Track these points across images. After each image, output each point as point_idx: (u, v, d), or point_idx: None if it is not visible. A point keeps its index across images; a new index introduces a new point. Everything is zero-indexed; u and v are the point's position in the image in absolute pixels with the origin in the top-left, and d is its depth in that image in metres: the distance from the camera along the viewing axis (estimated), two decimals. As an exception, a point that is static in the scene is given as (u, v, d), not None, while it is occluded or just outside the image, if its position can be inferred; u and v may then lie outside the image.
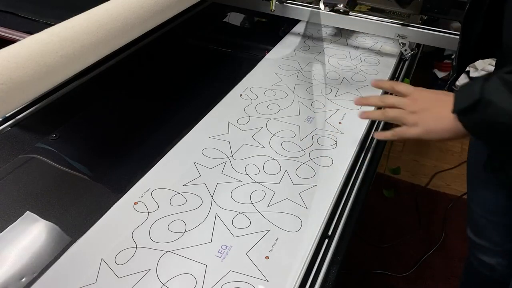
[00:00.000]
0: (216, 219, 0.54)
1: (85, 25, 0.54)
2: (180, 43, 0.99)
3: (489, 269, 0.85)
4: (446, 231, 1.44)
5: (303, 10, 0.95)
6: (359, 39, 0.99)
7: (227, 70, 0.91)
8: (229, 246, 0.51)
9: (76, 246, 0.50)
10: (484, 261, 0.85)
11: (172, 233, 0.52)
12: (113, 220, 0.54)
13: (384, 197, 1.52)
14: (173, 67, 0.91)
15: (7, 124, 0.70)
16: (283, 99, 0.78)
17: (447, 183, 1.64)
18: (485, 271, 0.86)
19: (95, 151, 0.68)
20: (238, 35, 1.07)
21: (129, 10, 0.60)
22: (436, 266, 1.35)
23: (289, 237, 0.53)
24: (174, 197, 0.57)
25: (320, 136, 0.69)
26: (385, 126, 0.74)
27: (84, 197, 0.58)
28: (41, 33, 0.50)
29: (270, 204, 0.57)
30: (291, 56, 0.92)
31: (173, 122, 0.74)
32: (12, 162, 0.63)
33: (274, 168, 0.63)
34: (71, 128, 0.72)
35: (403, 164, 1.73)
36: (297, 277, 0.48)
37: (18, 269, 0.49)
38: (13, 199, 0.57)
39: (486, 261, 0.85)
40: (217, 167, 0.63)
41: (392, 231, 1.44)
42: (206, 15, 1.11)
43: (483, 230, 0.83)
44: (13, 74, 0.44)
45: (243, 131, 0.70)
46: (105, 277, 0.47)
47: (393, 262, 1.34)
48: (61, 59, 0.50)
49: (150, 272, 0.48)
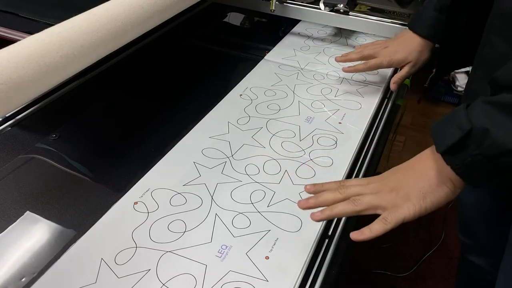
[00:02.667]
0: (216, 219, 0.54)
1: (85, 25, 0.54)
2: (180, 43, 0.99)
3: (479, 271, 0.85)
4: (446, 231, 1.44)
5: (303, 10, 0.95)
6: (359, 39, 0.99)
7: (227, 70, 0.91)
8: (229, 246, 0.51)
9: (76, 246, 0.50)
10: (474, 263, 0.85)
11: (172, 233, 0.52)
12: (113, 220, 0.54)
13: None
14: (173, 67, 0.91)
15: (7, 124, 0.70)
16: (283, 99, 0.78)
17: (447, 183, 1.64)
18: (476, 273, 0.87)
19: (95, 151, 0.68)
20: (238, 35, 1.07)
21: (129, 10, 0.60)
22: (436, 266, 1.35)
23: (289, 237, 0.53)
24: (174, 197, 0.57)
25: (320, 136, 0.69)
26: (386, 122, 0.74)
27: (84, 197, 0.58)
28: (41, 33, 0.50)
29: (270, 204, 0.57)
30: (291, 56, 0.92)
31: (173, 122, 0.74)
32: (12, 162, 0.63)
33: (274, 168, 0.63)
34: (71, 128, 0.72)
35: (403, 164, 1.73)
36: (297, 277, 0.48)
37: (18, 269, 0.49)
38: (13, 199, 0.57)
39: (476, 262, 0.85)
40: (217, 167, 0.63)
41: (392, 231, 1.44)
42: (206, 15, 1.11)
43: (472, 231, 0.83)
44: (13, 74, 0.44)
45: (243, 131, 0.70)
46: (105, 277, 0.47)
47: (393, 262, 1.34)
48: (61, 59, 0.50)
49: (150, 272, 0.48)
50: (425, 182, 0.46)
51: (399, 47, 0.78)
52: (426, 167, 0.46)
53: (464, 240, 0.86)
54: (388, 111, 0.77)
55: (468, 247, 0.86)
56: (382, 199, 0.47)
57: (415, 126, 1.93)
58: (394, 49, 0.78)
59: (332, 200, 0.49)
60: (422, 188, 0.46)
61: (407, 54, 0.77)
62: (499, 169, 0.40)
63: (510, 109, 0.39)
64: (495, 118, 0.40)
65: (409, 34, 0.78)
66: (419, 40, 0.76)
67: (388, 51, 0.78)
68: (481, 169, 0.41)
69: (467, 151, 0.41)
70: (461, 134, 0.41)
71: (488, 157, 0.40)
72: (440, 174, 0.45)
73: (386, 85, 0.82)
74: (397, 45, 0.79)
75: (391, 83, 0.79)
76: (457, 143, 0.41)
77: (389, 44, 0.80)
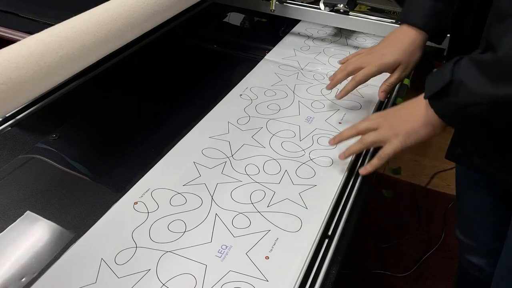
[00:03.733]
0: (216, 219, 0.54)
1: (85, 25, 0.54)
2: (180, 43, 0.99)
3: (478, 271, 0.85)
4: (446, 231, 1.44)
5: (303, 10, 0.95)
6: (359, 39, 0.99)
7: (227, 70, 0.91)
8: (229, 246, 0.51)
9: (76, 246, 0.50)
10: (473, 262, 0.85)
11: (172, 233, 0.52)
12: (113, 220, 0.54)
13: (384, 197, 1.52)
14: (173, 67, 0.91)
15: (7, 124, 0.70)
16: (283, 99, 0.78)
17: (447, 183, 1.64)
18: (475, 273, 0.87)
19: (95, 151, 0.68)
20: (238, 35, 1.07)
21: (129, 10, 0.60)
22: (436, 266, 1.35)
23: (289, 237, 0.53)
24: (174, 197, 0.57)
25: (320, 136, 0.69)
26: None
27: (84, 197, 0.58)
28: (41, 33, 0.50)
29: (270, 204, 0.57)
30: (291, 56, 0.92)
31: (173, 122, 0.74)
32: (12, 162, 0.63)
33: (274, 168, 0.63)
34: (71, 128, 0.72)
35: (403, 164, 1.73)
36: (297, 277, 0.48)
37: (18, 269, 0.49)
38: (13, 199, 0.57)
39: (475, 262, 0.85)
40: (217, 167, 0.63)
41: (392, 231, 1.44)
42: (206, 15, 1.11)
43: (471, 230, 0.83)
44: (13, 74, 0.44)
45: (243, 131, 0.70)
46: (105, 277, 0.47)
47: (393, 262, 1.34)
48: (61, 59, 0.50)
49: (150, 272, 0.48)
50: (412, 123, 0.57)
51: (385, 50, 0.69)
52: (416, 110, 0.57)
53: (462, 240, 0.86)
54: (388, 111, 0.77)
55: (467, 247, 0.86)
56: (381, 135, 0.59)
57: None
58: (381, 52, 0.69)
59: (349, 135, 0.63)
60: (409, 128, 0.57)
61: (396, 55, 0.68)
62: (471, 116, 0.49)
63: (485, 67, 0.46)
64: (471, 74, 0.47)
65: (397, 33, 0.69)
66: (410, 36, 0.68)
67: (374, 57, 0.69)
68: (457, 114, 0.51)
69: (447, 99, 0.50)
70: (443, 84, 0.49)
71: (462, 105, 0.48)
72: (425, 117, 0.55)
73: (386, 85, 0.82)
74: (384, 47, 0.70)
75: (379, 92, 0.71)
76: (440, 91, 0.50)
77: (374, 49, 0.71)
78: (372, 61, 0.69)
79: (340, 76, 0.72)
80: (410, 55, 0.68)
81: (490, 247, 0.80)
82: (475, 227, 0.82)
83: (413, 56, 0.68)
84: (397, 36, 0.69)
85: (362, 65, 0.69)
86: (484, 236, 0.81)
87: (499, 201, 0.74)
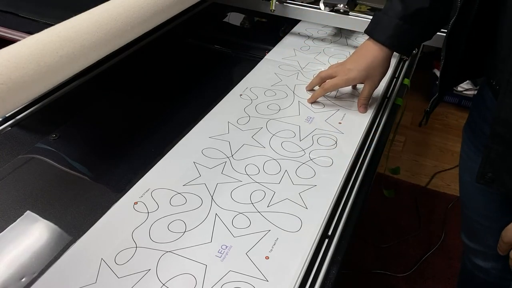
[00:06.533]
0: (216, 219, 0.54)
1: (85, 25, 0.54)
2: (180, 43, 1.00)
3: (484, 273, 0.85)
4: (446, 231, 1.45)
5: (303, 10, 0.95)
6: (359, 39, 0.99)
7: (227, 70, 0.91)
8: (229, 246, 0.51)
9: (76, 246, 0.50)
10: (479, 265, 0.85)
11: (172, 233, 0.52)
12: (113, 220, 0.54)
13: (384, 197, 1.52)
14: (173, 67, 0.91)
15: (7, 124, 0.71)
16: (283, 99, 0.78)
17: (447, 183, 1.65)
18: (480, 275, 0.86)
19: (95, 151, 0.68)
20: (238, 35, 1.07)
21: (129, 10, 0.60)
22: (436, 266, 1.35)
23: (289, 237, 0.53)
24: (174, 197, 0.57)
25: (320, 136, 0.69)
26: (386, 121, 0.74)
27: (84, 197, 0.58)
28: (41, 33, 0.50)
29: (270, 204, 0.57)
30: (291, 56, 0.92)
31: (173, 122, 0.74)
32: (12, 162, 0.63)
33: (274, 168, 0.63)
34: (71, 128, 0.72)
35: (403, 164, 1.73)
36: (297, 277, 0.48)
37: (18, 269, 0.49)
38: (13, 199, 0.57)
39: (481, 265, 0.84)
40: (217, 167, 0.63)
41: (392, 231, 1.44)
42: (206, 15, 1.11)
43: (477, 234, 0.82)
44: (13, 74, 0.44)
45: (243, 131, 0.70)
46: (105, 277, 0.47)
47: (393, 262, 1.35)
48: (61, 59, 0.50)
49: (150, 272, 0.48)
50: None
51: (352, 64, 0.73)
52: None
53: (468, 243, 0.85)
54: (388, 111, 0.77)
55: (473, 250, 0.85)
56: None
57: (415, 126, 1.93)
58: (348, 67, 0.73)
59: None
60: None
61: (361, 71, 0.72)
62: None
63: None
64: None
65: (363, 48, 0.74)
66: (374, 53, 0.72)
67: (342, 70, 0.73)
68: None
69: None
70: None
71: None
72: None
73: (385, 85, 0.82)
74: (351, 62, 0.74)
75: (358, 107, 0.75)
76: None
77: (345, 62, 0.75)
78: (341, 74, 0.74)
79: (314, 82, 0.78)
80: (374, 70, 0.72)
81: (497, 251, 0.80)
82: (482, 232, 0.80)
83: (377, 70, 0.73)
84: (362, 52, 0.74)
85: (334, 74, 0.75)
86: (492, 241, 0.79)
87: (509, 206, 0.73)
